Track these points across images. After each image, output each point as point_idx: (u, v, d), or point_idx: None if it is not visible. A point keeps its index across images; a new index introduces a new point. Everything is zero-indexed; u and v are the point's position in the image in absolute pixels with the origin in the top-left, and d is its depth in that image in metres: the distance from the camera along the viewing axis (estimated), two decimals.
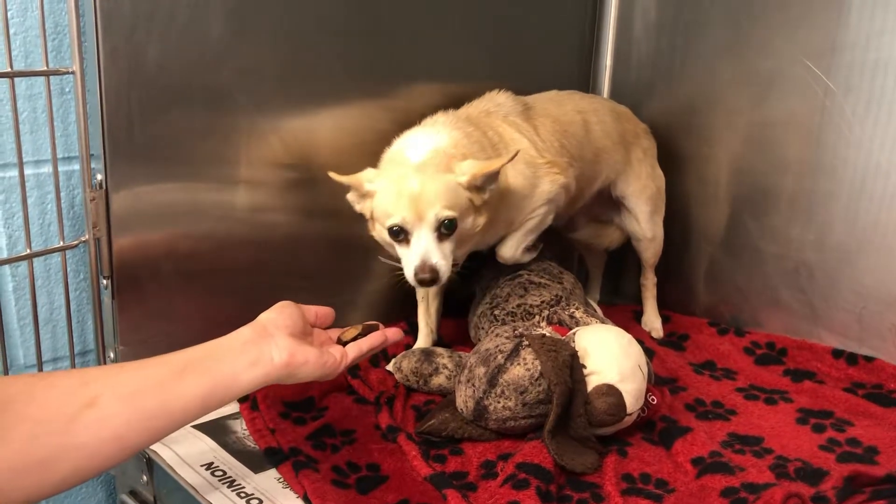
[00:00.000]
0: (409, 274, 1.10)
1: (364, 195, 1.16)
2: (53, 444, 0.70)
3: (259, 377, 0.84)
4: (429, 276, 1.09)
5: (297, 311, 0.93)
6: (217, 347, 0.84)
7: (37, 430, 0.69)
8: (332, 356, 0.92)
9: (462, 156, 1.15)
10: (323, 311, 1.01)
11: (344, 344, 0.98)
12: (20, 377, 0.77)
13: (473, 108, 1.31)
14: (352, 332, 1.00)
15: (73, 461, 0.71)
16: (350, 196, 1.19)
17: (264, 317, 0.90)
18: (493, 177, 1.14)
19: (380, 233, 1.16)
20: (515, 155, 1.14)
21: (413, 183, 1.09)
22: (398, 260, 1.14)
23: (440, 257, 1.10)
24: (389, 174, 1.14)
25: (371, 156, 1.20)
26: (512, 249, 1.30)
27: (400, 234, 1.11)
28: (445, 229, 1.10)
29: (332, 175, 1.15)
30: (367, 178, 1.15)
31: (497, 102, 1.31)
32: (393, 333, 1.05)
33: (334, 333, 1.02)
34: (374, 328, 1.03)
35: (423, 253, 1.09)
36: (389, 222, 1.10)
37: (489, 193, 1.15)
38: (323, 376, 0.91)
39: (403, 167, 1.13)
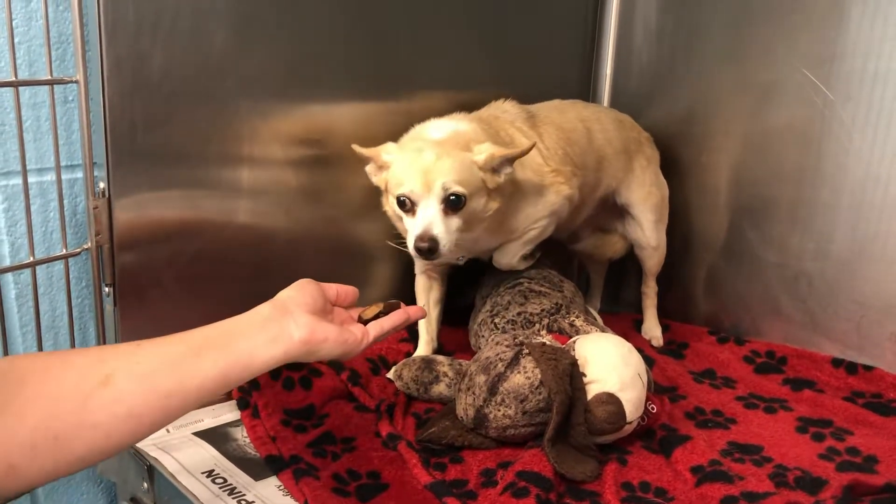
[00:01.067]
0: (410, 244, 1.10)
1: (381, 167, 1.17)
2: (69, 423, 0.70)
3: (278, 354, 0.83)
4: (427, 245, 1.08)
5: (317, 289, 0.91)
6: (235, 324, 0.83)
7: (52, 408, 0.69)
8: (353, 334, 0.90)
9: (481, 141, 1.17)
10: (345, 290, 0.99)
11: (365, 322, 0.96)
12: (37, 355, 0.77)
13: (482, 112, 1.32)
14: (373, 309, 0.98)
15: (89, 440, 0.71)
16: (368, 168, 1.20)
17: (284, 294, 0.89)
18: (510, 162, 1.15)
19: (391, 205, 1.16)
20: (533, 146, 1.16)
21: (428, 155, 1.11)
22: (405, 244, 1.14)
23: (443, 230, 1.09)
24: (408, 147, 1.16)
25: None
26: (509, 257, 1.30)
27: (406, 204, 1.12)
28: (452, 204, 1.10)
29: (354, 147, 1.17)
30: (385, 150, 1.17)
31: (503, 109, 1.33)
32: (415, 312, 1.03)
33: (355, 312, 1.00)
34: (395, 307, 1.01)
35: (426, 223, 1.09)
36: (398, 192, 1.11)
37: (504, 178, 1.16)
38: (344, 354, 0.89)
39: (423, 142, 1.15)
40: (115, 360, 0.74)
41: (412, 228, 1.11)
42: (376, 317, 0.97)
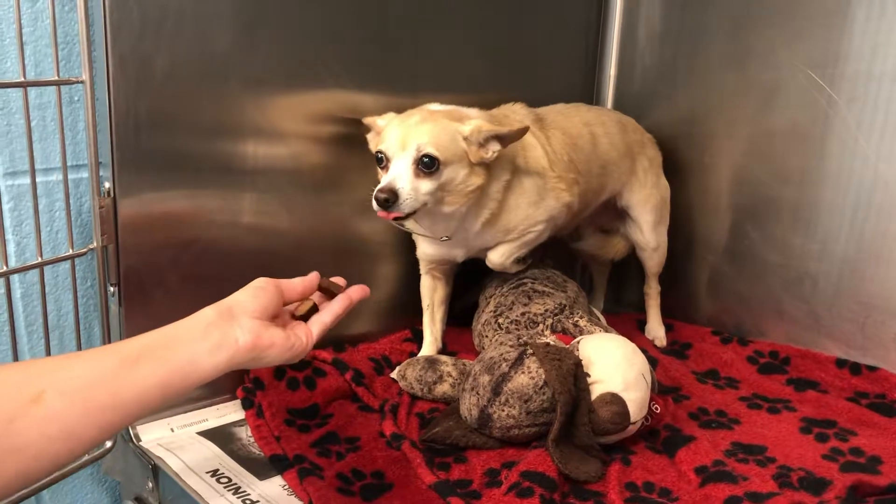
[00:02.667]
0: (374, 199, 1.10)
1: (377, 133, 1.20)
2: None
3: (223, 361, 0.77)
4: (385, 195, 1.08)
5: (270, 294, 0.85)
6: (175, 331, 0.77)
7: None
8: (299, 338, 0.85)
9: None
10: (308, 282, 0.92)
11: (303, 319, 0.90)
12: None
13: (494, 111, 1.32)
14: (306, 305, 0.90)
15: (17, 464, 0.65)
16: (369, 136, 1.24)
17: (232, 298, 0.83)
18: (500, 140, 1.16)
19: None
20: (526, 129, 1.17)
21: (414, 119, 1.14)
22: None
23: (408, 186, 1.10)
24: (404, 114, 1.19)
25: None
26: (503, 257, 1.30)
27: (383, 160, 1.14)
28: (425, 166, 1.11)
29: (364, 119, 1.23)
30: (382, 117, 1.21)
31: (513, 110, 1.33)
32: (357, 293, 0.94)
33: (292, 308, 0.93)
34: (333, 289, 0.93)
35: (392, 176, 1.11)
36: (377, 148, 1.14)
37: (492, 155, 1.16)
38: (290, 359, 0.85)
39: (419, 111, 1.18)
40: (46, 376, 0.69)
41: (381, 183, 1.11)
42: (310, 311, 0.90)
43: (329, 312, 0.91)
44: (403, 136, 1.12)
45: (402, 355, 1.37)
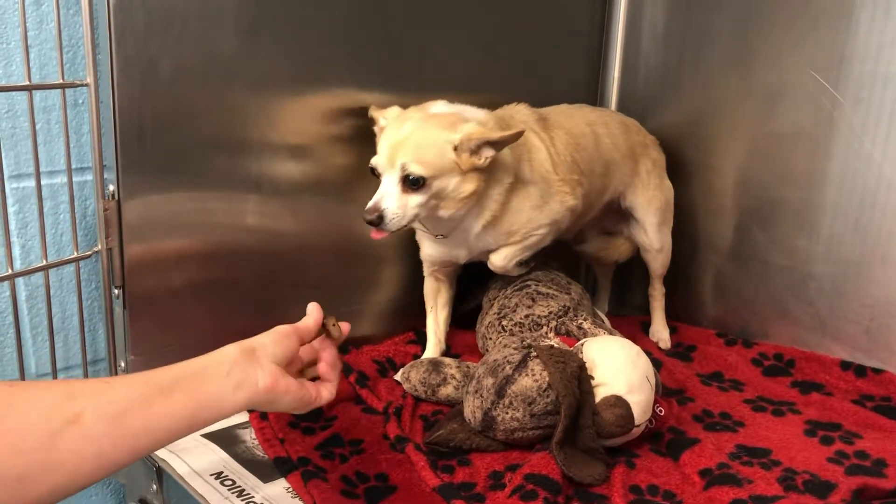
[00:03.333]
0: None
1: (380, 129, 1.21)
2: (34, 460, 0.67)
3: (243, 401, 0.82)
4: (371, 217, 1.11)
5: (292, 342, 0.90)
6: (204, 367, 0.81)
7: (18, 444, 0.66)
8: (310, 392, 0.90)
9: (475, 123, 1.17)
10: (314, 320, 0.96)
11: (311, 378, 0.95)
12: None
13: (498, 112, 1.32)
14: (313, 370, 0.97)
15: (53, 479, 0.68)
16: (375, 128, 1.24)
17: (256, 341, 0.87)
18: (493, 145, 1.14)
19: None
20: (521, 133, 1.16)
21: (404, 130, 1.14)
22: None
23: (395, 205, 1.12)
24: (400, 118, 1.18)
25: None
26: (504, 260, 1.30)
27: (375, 173, 1.15)
28: (411, 183, 1.12)
29: (371, 108, 1.25)
30: (386, 113, 1.22)
31: (517, 110, 1.33)
32: (345, 327, 0.99)
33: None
34: (328, 328, 0.97)
35: (379, 196, 1.13)
36: (371, 161, 1.15)
37: (485, 161, 1.15)
38: (299, 409, 0.90)
39: (416, 115, 1.17)
40: (85, 398, 0.71)
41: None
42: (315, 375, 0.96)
43: (330, 369, 0.96)
44: (391, 152, 1.12)
45: (406, 357, 1.37)
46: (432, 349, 1.37)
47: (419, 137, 1.13)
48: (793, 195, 1.41)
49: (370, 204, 1.12)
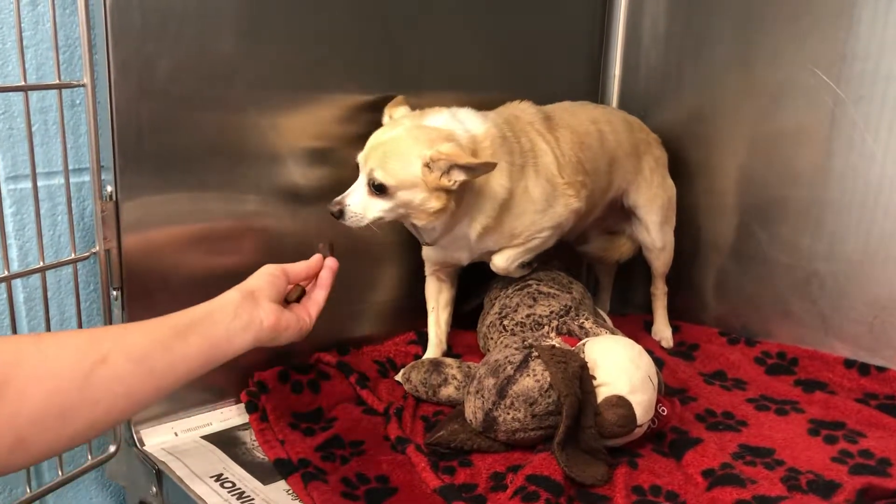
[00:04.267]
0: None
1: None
2: (73, 399, 0.72)
3: (249, 339, 0.87)
4: (333, 209, 1.16)
5: (282, 281, 0.96)
6: (213, 311, 0.86)
7: (56, 384, 0.71)
8: (304, 320, 0.96)
9: (471, 147, 1.17)
10: (312, 266, 1.02)
11: (293, 302, 0.99)
12: (21, 338, 0.79)
13: (503, 111, 1.31)
14: (296, 291, 0.99)
15: (89, 415, 0.73)
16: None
17: (253, 283, 0.93)
18: (464, 170, 1.12)
19: None
20: (493, 166, 1.14)
21: (387, 134, 1.16)
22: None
23: (358, 205, 1.15)
24: (396, 120, 1.20)
25: None
26: (507, 261, 1.30)
27: (357, 167, 1.18)
28: (376, 189, 1.14)
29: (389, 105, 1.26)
30: (392, 112, 1.25)
31: (522, 109, 1.32)
32: (334, 262, 1.05)
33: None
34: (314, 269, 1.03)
35: (348, 192, 1.16)
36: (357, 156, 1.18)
37: (454, 184, 1.13)
38: (297, 339, 0.95)
39: (408, 122, 1.19)
40: (109, 341, 0.76)
41: None
42: (300, 296, 1.00)
43: (322, 289, 1.01)
44: (368, 153, 1.15)
45: (407, 358, 1.36)
46: (433, 349, 1.36)
47: (393, 147, 1.14)
48: (795, 193, 1.41)
49: (338, 197, 1.16)
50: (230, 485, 1.03)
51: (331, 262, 1.04)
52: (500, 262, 1.30)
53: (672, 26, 1.56)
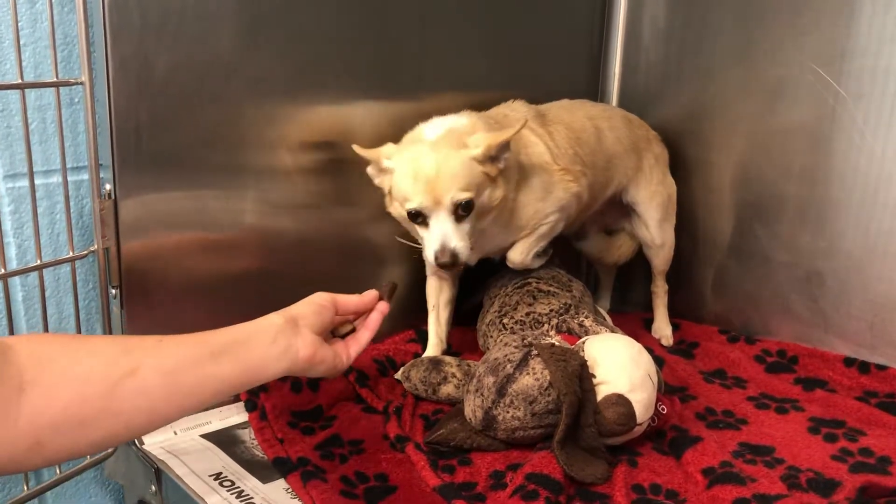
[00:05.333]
0: (430, 257, 1.14)
1: (382, 170, 1.18)
2: (96, 408, 0.72)
3: (283, 368, 0.87)
4: (449, 260, 1.12)
5: (329, 313, 0.95)
6: (251, 334, 0.86)
7: (83, 390, 0.71)
8: (341, 359, 0.96)
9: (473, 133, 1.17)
10: (364, 303, 1.02)
11: (341, 337, 1.00)
12: (60, 338, 0.78)
13: (492, 111, 1.32)
14: (347, 328, 1.01)
15: (110, 426, 0.73)
16: (370, 169, 1.21)
17: (297, 310, 0.92)
18: (506, 146, 1.16)
19: (397, 210, 1.18)
20: (525, 123, 1.17)
21: (428, 164, 1.12)
22: (415, 240, 1.16)
23: (458, 239, 1.12)
24: (406, 153, 1.16)
25: None
26: (522, 254, 1.30)
27: (418, 217, 1.13)
28: (463, 211, 1.12)
29: (355, 147, 1.18)
30: (385, 153, 1.18)
31: (513, 108, 1.33)
32: (385, 307, 1.05)
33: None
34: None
35: (442, 237, 1.12)
36: (408, 206, 1.13)
37: (504, 163, 1.16)
38: (331, 376, 0.96)
39: (420, 145, 1.16)
40: (141, 353, 0.76)
41: (429, 242, 1.14)
42: (348, 333, 1.01)
43: (367, 332, 1.01)
44: (432, 189, 1.11)
45: (407, 356, 1.36)
46: (433, 348, 1.36)
47: (450, 167, 1.12)
48: (795, 191, 1.41)
49: (437, 247, 1.12)
50: (229, 483, 1.02)
51: (382, 307, 1.03)
52: (517, 256, 1.30)
53: (672, 24, 1.56)
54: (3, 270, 1.03)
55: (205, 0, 1.08)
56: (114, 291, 1.11)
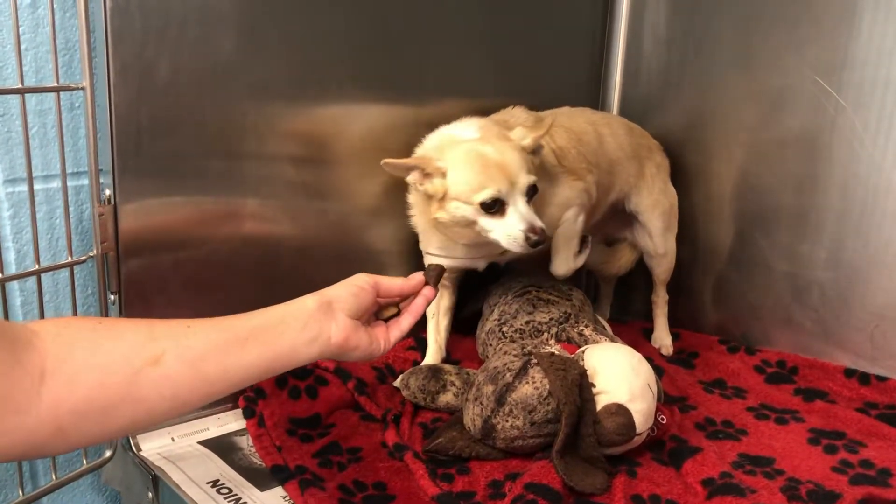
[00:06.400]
0: (517, 241, 1.11)
1: (428, 174, 1.15)
2: (118, 396, 0.72)
3: (314, 354, 0.85)
4: (540, 237, 1.10)
5: (369, 296, 0.91)
6: (282, 319, 0.84)
7: (103, 379, 0.71)
8: (379, 345, 0.92)
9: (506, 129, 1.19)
10: (409, 286, 0.98)
11: (385, 320, 0.97)
12: (84, 322, 0.78)
13: (494, 117, 1.31)
14: (391, 311, 0.97)
15: (133, 413, 0.73)
16: (411, 178, 1.17)
17: (333, 292, 0.89)
18: (541, 143, 1.19)
19: (455, 210, 1.14)
20: (552, 122, 1.19)
21: (492, 152, 1.12)
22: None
23: (538, 220, 1.12)
24: (458, 149, 1.15)
25: (381, 170, 1.19)
26: (565, 264, 1.31)
27: (494, 205, 1.11)
28: (531, 193, 1.13)
29: (387, 161, 1.14)
30: (432, 154, 1.16)
31: (513, 115, 1.33)
32: (431, 292, 1.00)
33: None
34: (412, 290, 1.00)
35: (528, 217, 1.11)
36: (484, 195, 1.11)
37: (539, 159, 1.20)
38: (367, 360, 0.94)
39: (468, 143, 1.15)
40: (166, 340, 0.75)
41: (512, 226, 1.11)
42: (392, 316, 0.97)
43: (410, 317, 0.97)
44: (506, 173, 1.11)
45: (406, 364, 1.36)
46: (432, 356, 1.36)
47: (512, 153, 1.13)
48: (795, 200, 1.41)
49: (525, 227, 1.10)
50: (227, 491, 1.02)
51: (427, 292, 0.99)
52: (560, 268, 1.31)
53: (672, 33, 1.56)
54: (1, 275, 1.03)
55: (206, 5, 1.09)
56: (112, 297, 1.11)
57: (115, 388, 0.71)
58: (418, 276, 0.99)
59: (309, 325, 0.84)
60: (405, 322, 0.97)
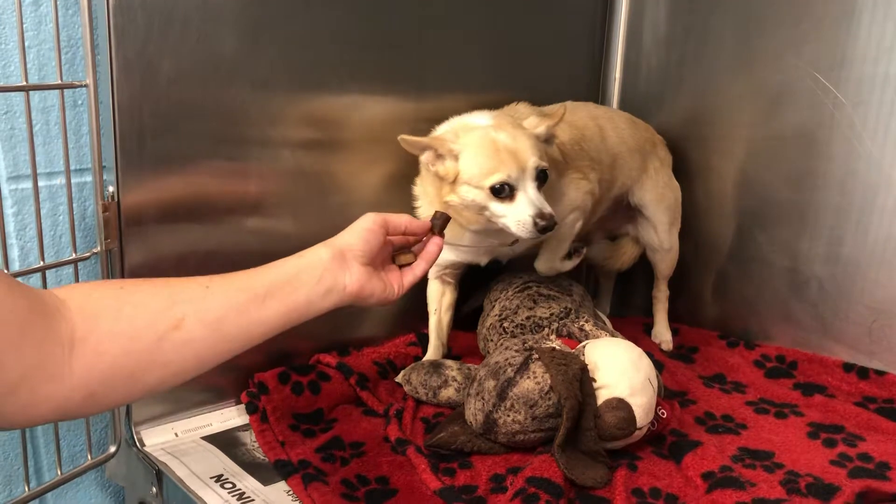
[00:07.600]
0: (526, 226, 1.11)
1: (441, 156, 1.16)
2: (143, 360, 0.75)
3: (330, 304, 0.87)
4: (549, 222, 1.11)
5: (378, 237, 0.91)
6: (298, 273, 0.85)
7: (128, 346, 0.73)
8: (393, 290, 0.93)
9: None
10: (417, 226, 0.97)
11: (400, 266, 0.97)
12: (105, 288, 0.79)
13: (497, 112, 1.31)
14: (408, 258, 0.97)
15: (159, 375, 0.76)
16: (424, 157, 1.18)
17: (344, 241, 0.90)
18: (553, 129, 1.20)
19: (467, 193, 1.15)
20: (564, 113, 1.19)
21: (504, 137, 1.13)
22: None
23: (548, 205, 1.13)
24: (473, 134, 1.16)
25: (382, 167, 1.20)
26: (548, 263, 1.31)
27: (503, 190, 1.12)
28: (541, 179, 1.14)
29: (404, 137, 1.14)
30: (448, 137, 1.17)
31: (516, 110, 1.33)
32: (438, 240, 1.00)
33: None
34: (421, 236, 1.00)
35: (537, 202, 1.12)
36: (494, 179, 1.11)
37: (551, 149, 1.21)
38: (381, 305, 0.94)
39: (482, 129, 1.16)
40: (186, 304, 0.77)
41: (521, 211, 1.12)
42: (409, 263, 0.97)
43: (423, 262, 0.97)
44: (516, 159, 1.11)
45: (407, 359, 1.36)
46: (434, 351, 1.36)
47: (525, 139, 1.14)
48: (794, 196, 1.41)
49: (533, 213, 1.10)
50: (230, 486, 1.03)
51: (437, 240, 0.99)
52: (543, 265, 1.32)
53: (672, 30, 1.56)
54: (5, 272, 1.03)
55: (208, 3, 1.09)
56: None
57: (140, 354, 0.74)
58: (426, 220, 0.99)
59: (324, 278, 0.85)
60: (419, 268, 0.97)
